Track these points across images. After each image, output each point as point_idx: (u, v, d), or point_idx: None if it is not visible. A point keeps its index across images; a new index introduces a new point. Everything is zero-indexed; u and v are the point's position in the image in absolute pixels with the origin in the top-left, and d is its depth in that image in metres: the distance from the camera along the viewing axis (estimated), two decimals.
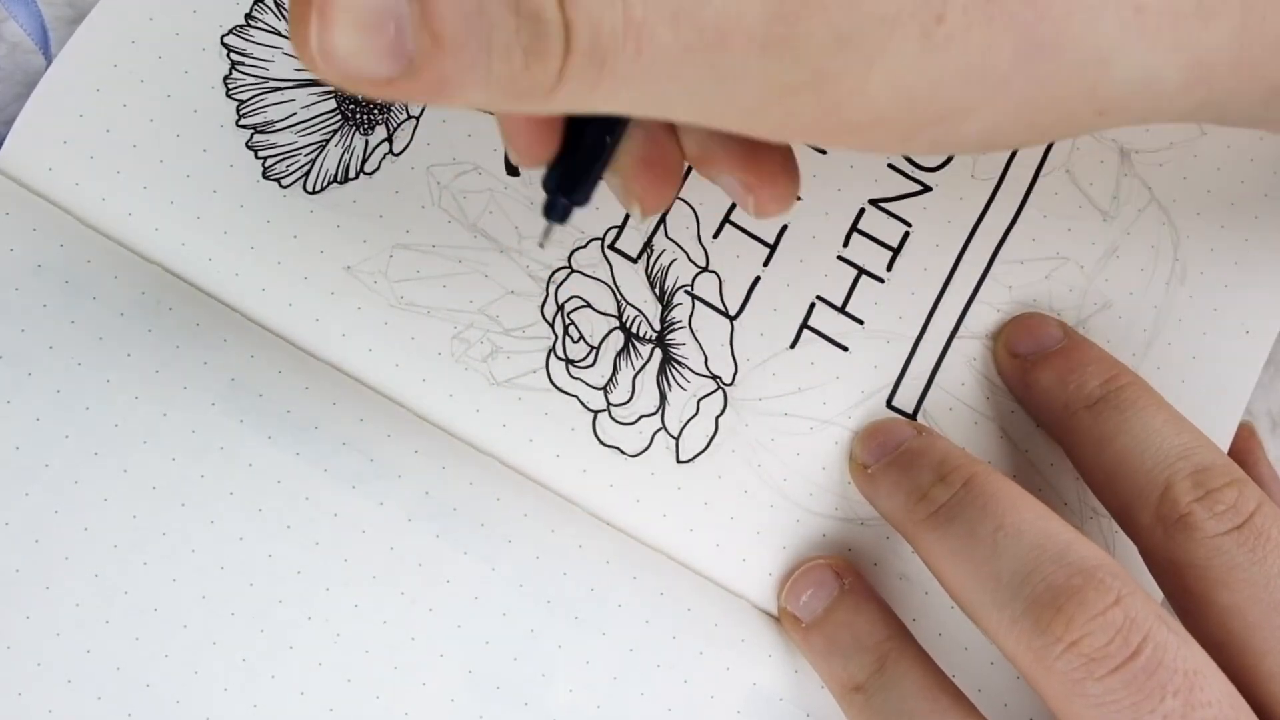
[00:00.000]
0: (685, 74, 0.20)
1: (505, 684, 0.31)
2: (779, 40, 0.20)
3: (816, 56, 0.20)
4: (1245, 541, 0.28)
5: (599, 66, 0.19)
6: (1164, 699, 0.25)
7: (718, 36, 0.19)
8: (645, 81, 0.20)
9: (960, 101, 0.21)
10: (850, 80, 0.21)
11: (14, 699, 0.29)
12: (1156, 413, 0.30)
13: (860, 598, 0.31)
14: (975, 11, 0.20)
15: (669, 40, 0.19)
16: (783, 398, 0.33)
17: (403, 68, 0.18)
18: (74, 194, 0.32)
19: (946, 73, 0.21)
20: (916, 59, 0.20)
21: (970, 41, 0.20)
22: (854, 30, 0.20)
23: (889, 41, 0.20)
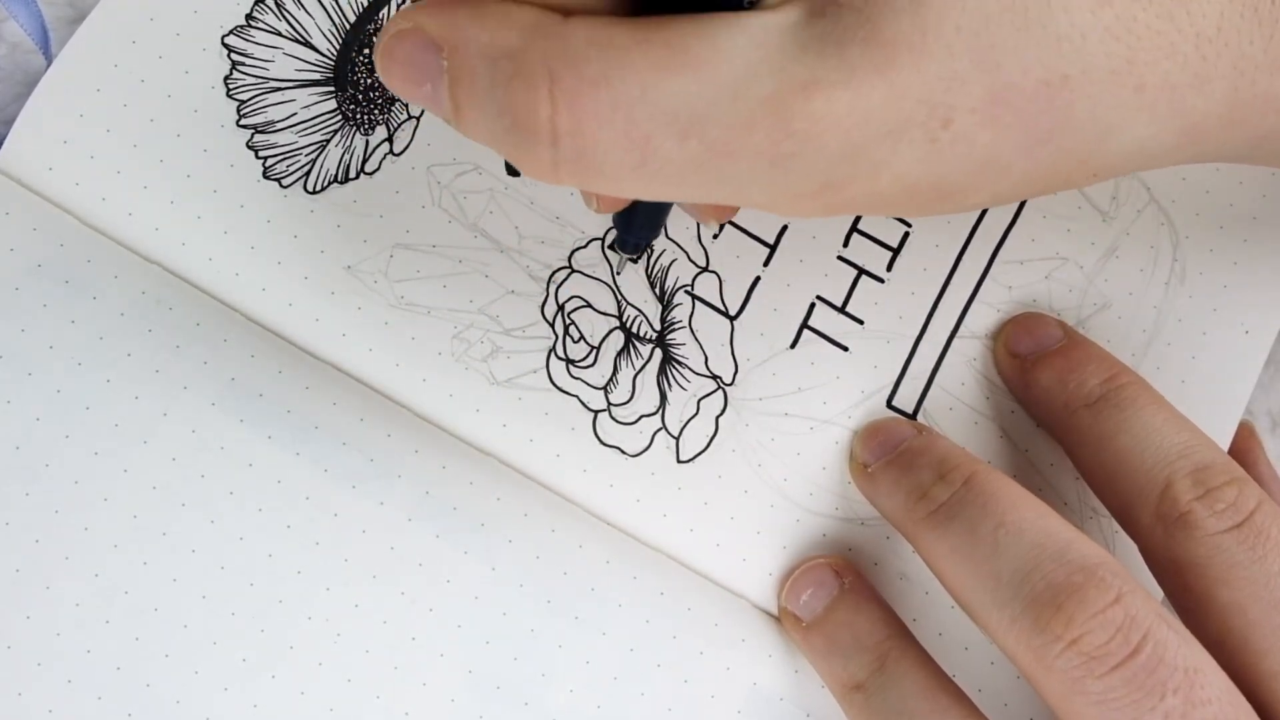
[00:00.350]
0: (691, 181, 0.21)
1: (505, 684, 0.31)
2: (789, 155, 0.20)
3: (825, 170, 0.21)
4: (1245, 539, 0.28)
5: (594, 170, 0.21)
6: (1164, 697, 0.25)
7: (726, 152, 0.20)
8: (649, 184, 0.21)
9: (964, 186, 0.22)
10: (859, 184, 0.21)
11: (14, 699, 0.29)
12: (1156, 411, 0.30)
13: (860, 597, 0.31)
14: (981, 113, 0.21)
15: (675, 154, 0.20)
16: (783, 398, 0.33)
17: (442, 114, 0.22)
18: (74, 194, 0.32)
19: (951, 168, 0.21)
20: (924, 160, 0.21)
21: (977, 141, 0.21)
22: (863, 143, 0.20)
23: (897, 148, 0.21)
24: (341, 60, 0.33)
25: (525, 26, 0.21)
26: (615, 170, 0.21)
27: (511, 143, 0.21)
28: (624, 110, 0.20)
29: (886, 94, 0.20)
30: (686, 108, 0.20)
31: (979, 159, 0.21)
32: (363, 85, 0.33)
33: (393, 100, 0.33)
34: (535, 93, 0.20)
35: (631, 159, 0.20)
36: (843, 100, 0.20)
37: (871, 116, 0.20)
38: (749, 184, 0.21)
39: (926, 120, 0.20)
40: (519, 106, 0.20)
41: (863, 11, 0.20)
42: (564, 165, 0.21)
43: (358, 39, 0.34)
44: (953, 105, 0.20)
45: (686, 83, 0.20)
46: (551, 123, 0.20)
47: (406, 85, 0.22)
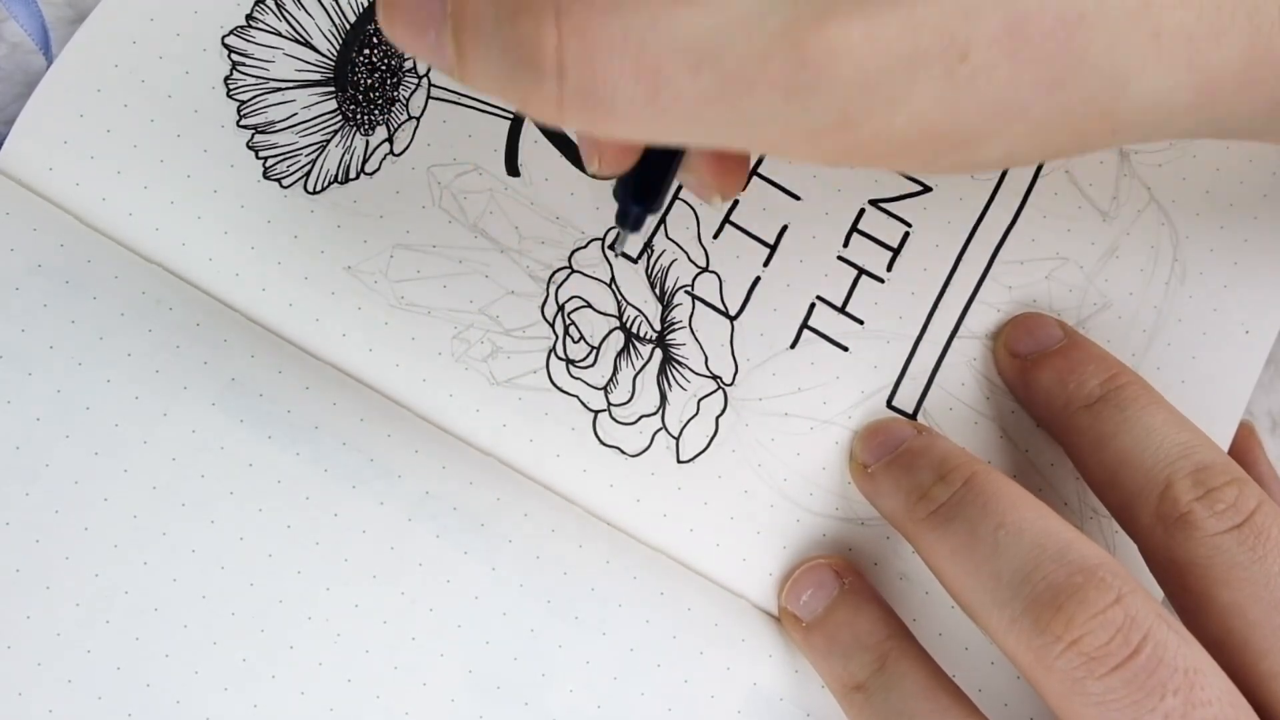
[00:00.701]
0: (705, 117, 0.20)
1: (505, 684, 0.31)
2: (805, 86, 0.20)
3: (842, 100, 0.20)
4: (1245, 540, 0.28)
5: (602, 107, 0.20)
6: (1164, 697, 0.25)
7: (741, 84, 0.20)
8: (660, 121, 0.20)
9: (982, 130, 0.22)
10: (876, 120, 0.21)
11: (14, 699, 0.29)
12: (1156, 411, 0.30)
13: (861, 597, 0.31)
14: (1000, 47, 0.20)
15: (688, 88, 0.20)
16: (783, 398, 0.33)
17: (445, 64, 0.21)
18: (74, 194, 0.32)
19: (970, 106, 0.21)
20: (941, 96, 0.21)
21: (994, 77, 0.21)
22: (880, 73, 0.20)
23: (914, 82, 0.20)
24: (341, 61, 0.33)
25: None
26: (625, 106, 0.20)
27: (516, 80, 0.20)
28: (635, 40, 0.19)
29: (903, 24, 0.20)
30: (699, 39, 0.19)
31: (997, 97, 0.21)
32: (363, 86, 0.33)
33: (393, 101, 0.33)
34: (541, 23, 0.19)
35: (642, 93, 0.20)
36: (858, 30, 0.19)
37: (888, 47, 0.20)
38: (764, 120, 0.20)
39: (943, 52, 0.20)
40: (524, 39, 0.20)
41: None
42: (570, 101, 0.20)
43: (358, 39, 0.34)
44: (969, 37, 0.20)
45: (699, 13, 0.19)
46: (558, 54, 0.19)
47: (410, 34, 0.21)
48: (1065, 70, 0.21)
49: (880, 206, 0.34)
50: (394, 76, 0.34)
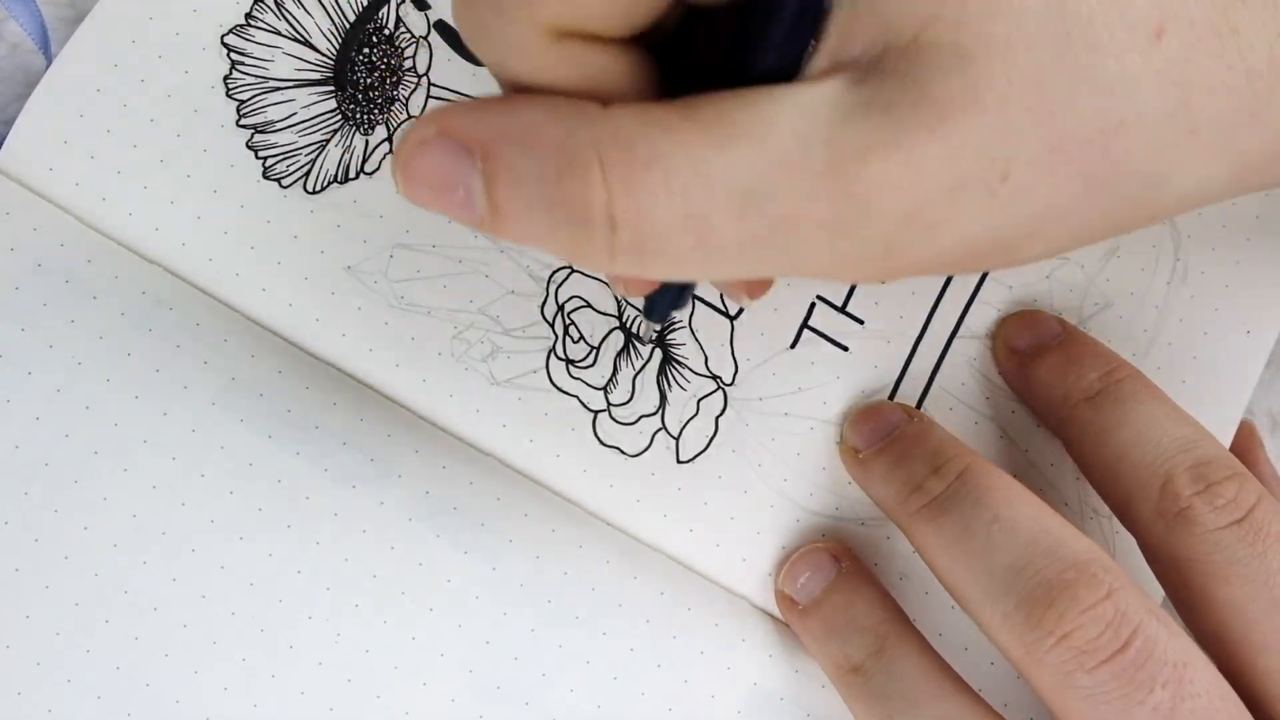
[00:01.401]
0: (751, 256, 0.21)
1: (506, 683, 0.31)
2: (850, 222, 0.20)
3: (887, 231, 0.20)
4: (1245, 536, 0.28)
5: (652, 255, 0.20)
6: (1153, 690, 0.25)
7: (787, 225, 0.20)
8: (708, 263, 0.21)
9: (1024, 238, 0.22)
10: (920, 245, 0.21)
11: (14, 698, 0.29)
12: (1156, 406, 0.30)
13: (858, 580, 0.31)
14: (1041, 164, 0.20)
15: (735, 231, 0.20)
16: (783, 397, 0.33)
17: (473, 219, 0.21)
18: (74, 194, 0.32)
19: (1012, 222, 0.21)
20: (984, 216, 0.21)
21: (1036, 192, 0.21)
22: (923, 202, 0.20)
23: (957, 206, 0.20)
24: (341, 60, 0.33)
25: (565, 115, 0.20)
26: (674, 252, 0.20)
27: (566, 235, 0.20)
28: (680, 190, 0.19)
29: (941, 151, 0.20)
30: (743, 183, 0.19)
31: (1038, 209, 0.21)
32: (362, 85, 0.33)
33: (392, 100, 0.33)
34: (589, 181, 0.19)
35: (690, 239, 0.20)
36: (898, 162, 0.19)
37: (929, 176, 0.20)
38: (810, 255, 0.21)
39: (984, 174, 0.20)
40: (573, 197, 0.20)
41: (909, 74, 0.19)
42: (621, 252, 0.20)
43: (357, 39, 0.34)
44: (1010, 157, 0.20)
45: (740, 158, 0.19)
46: (608, 209, 0.20)
47: (436, 195, 0.21)
48: (1105, 178, 0.21)
49: None
50: (393, 76, 0.34)
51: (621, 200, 0.20)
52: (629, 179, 0.19)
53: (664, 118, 0.20)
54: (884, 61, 0.20)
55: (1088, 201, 0.21)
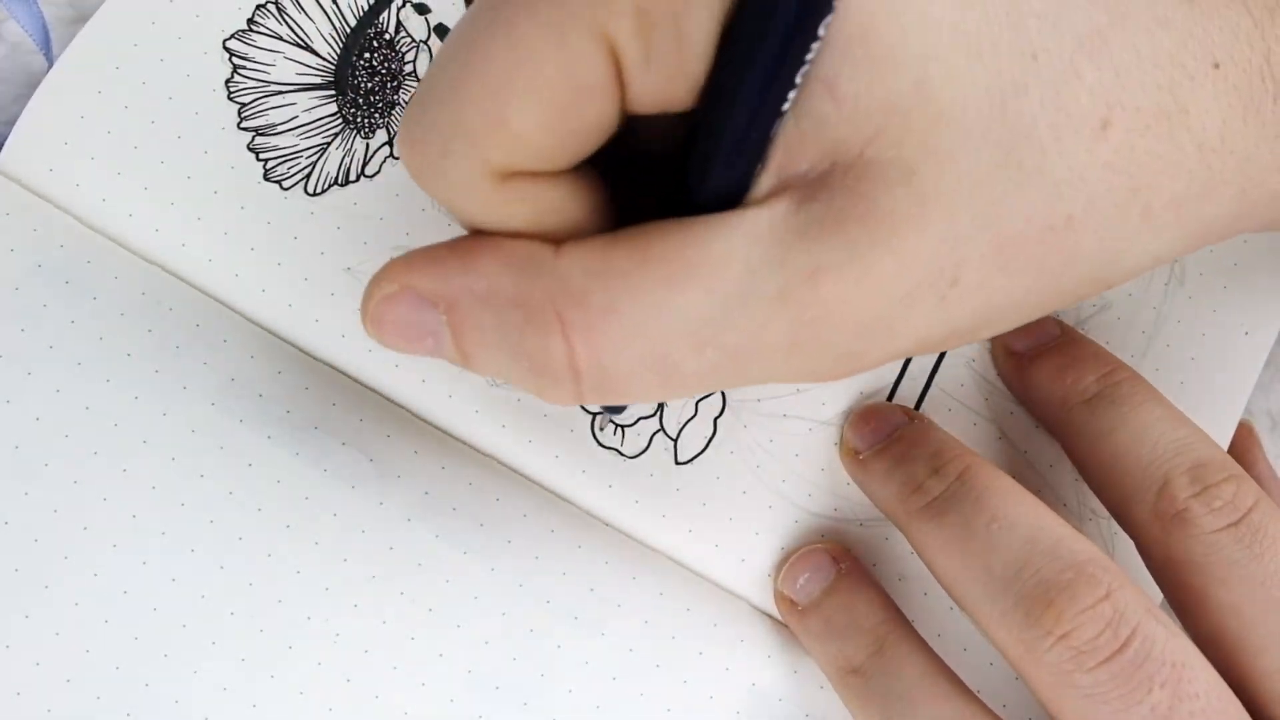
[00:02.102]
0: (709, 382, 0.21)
1: (504, 684, 0.31)
2: (805, 344, 0.21)
3: (842, 346, 0.21)
4: (1242, 538, 0.28)
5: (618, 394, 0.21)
6: (1151, 690, 0.25)
7: (743, 354, 0.21)
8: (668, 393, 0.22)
9: (976, 328, 0.22)
10: (875, 352, 0.21)
11: (13, 698, 0.29)
12: (1154, 408, 0.30)
13: (857, 581, 0.31)
14: (990, 264, 0.21)
15: (692, 366, 0.21)
16: (781, 399, 0.33)
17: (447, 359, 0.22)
18: (75, 195, 0.32)
19: (965, 317, 0.21)
20: (934, 319, 0.21)
21: (986, 289, 0.21)
22: (876, 316, 0.20)
23: (909, 313, 0.21)
24: (342, 64, 0.34)
25: (520, 269, 0.21)
26: (638, 389, 0.21)
27: (533, 383, 0.21)
28: (637, 334, 0.20)
29: (893, 265, 0.20)
30: (697, 320, 0.20)
31: (991, 304, 0.21)
32: (363, 89, 0.34)
33: (393, 104, 0.34)
34: (548, 337, 0.20)
35: (652, 377, 0.21)
36: (850, 280, 0.20)
37: (881, 289, 0.20)
38: (767, 373, 0.21)
39: (935, 281, 0.20)
40: (534, 352, 0.21)
41: (855, 190, 0.20)
42: (587, 394, 0.21)
43: (358, 44, 0.34)
44: (959, 263, 0.20)
45: (693, 296, 0.20)
46: (569, 361, 0.20)
47: (406, 344, 0.22)
48: (1057, 268, 0.21)
49: None
50: (394, 81, 0.34)
51: (582, 351, 0.20)
52: (587, 332, 0.20)
53: (616, 263, 0.20)
54: (830, 177, 0.20)
55: (1041, 290, 0.22)
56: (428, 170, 0.21)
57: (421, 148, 0.20)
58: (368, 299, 0.22)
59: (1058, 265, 0.21)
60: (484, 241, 0.21)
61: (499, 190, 0.20)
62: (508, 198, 0.21)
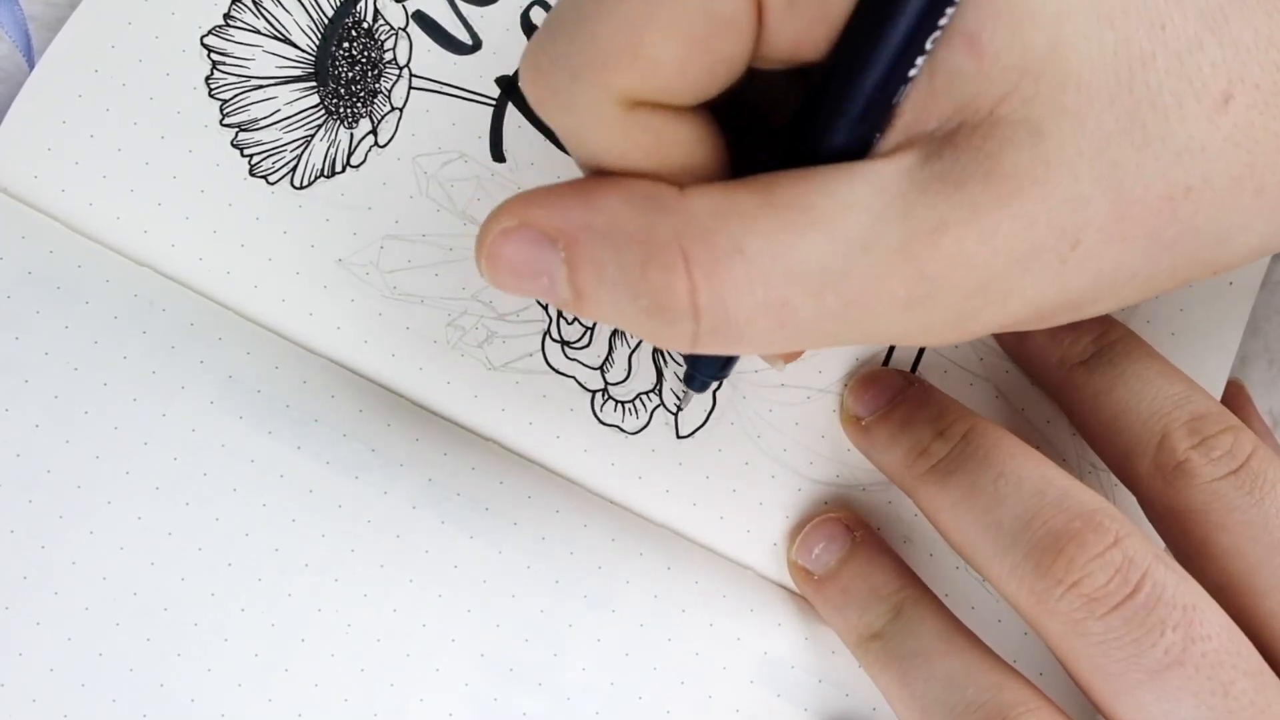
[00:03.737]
0: (826, 332, 0.21)
1: (518, 665, 0.31)
2: (923, 297, 0.21)
3: (959, 305, 0.21)
4: (1243, 485, 0.28)
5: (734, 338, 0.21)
6: (1164, 633, 0.25)
7: (862, 304, 0.20)
8: (785, 341, 0.21)
9: (1088, 299, 0.22)
10: (989, 314, 0.21)
11: (28, 705, 0.30)
12: (1150, 364, 0.30)
13: (873, 550, 0.31)
14: (1110, 230, 0.21)
15: (812, 312, 0.20)
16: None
17: (556, 300, 0.22)
18: (61, 200, 0.32)
19: (1081, 285, 0.21)
20: (1051, 283, 0.21)
21: (1104, 257, 0.21)
22: (994, 275, 0.20)
23: (1026, 274, 0.21)
24: (322, 55, 0.33)
25: (643, 206, 0.21)
26: (755, 334, 0.21)
27: (650, 322, 0.21)
28: (760, 277, 0.20)
29: (1013, 225, 0.20)
30: (820, 266, 0.20)
31: (1106, 272, 0.21)
32: (344, 79, 0.33)
33: (375, 93, 0.33)
34: (672, 273, 0.20)
35: (770, 322, 0.20)
36: (971, 238, 0.20)
37: (1000, 249, 0.20)
38: (883, 327, 0.21)
39: (1056, 244, 0.20)
40: (656, 288, 0.20)
41: (981, 149, 0.20)
42: (704, 337, 0.21)
43: (336, 33, 0.34)
44: (1080, 226, 0.20)
45: (817, 241, 0.20)
46: (692, 299, 0.20)
47: (519, 281, 0.22)
48: (1172, 240, 0.21)
49: None
50: (375, 69, 0.34)
51: (705, 291, 0.20)
52: (711, 270, 0.20)
53: (741, 205, 0.20)
54: (958, 135, 0.20)
55: (1154, 262, 0.22)
56: (554, 98, 0.20)
57: (549, 74, 0.20)
58: (484, 234, 0.22)
59: (1173, 237, 0.21)
60: (606, 180, 0.21)
61: (624, 119, 0.20)
62: (632, 128, 0.20)
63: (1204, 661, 0.25)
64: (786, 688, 0.32)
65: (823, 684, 0.32)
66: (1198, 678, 0.25)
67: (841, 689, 0.32)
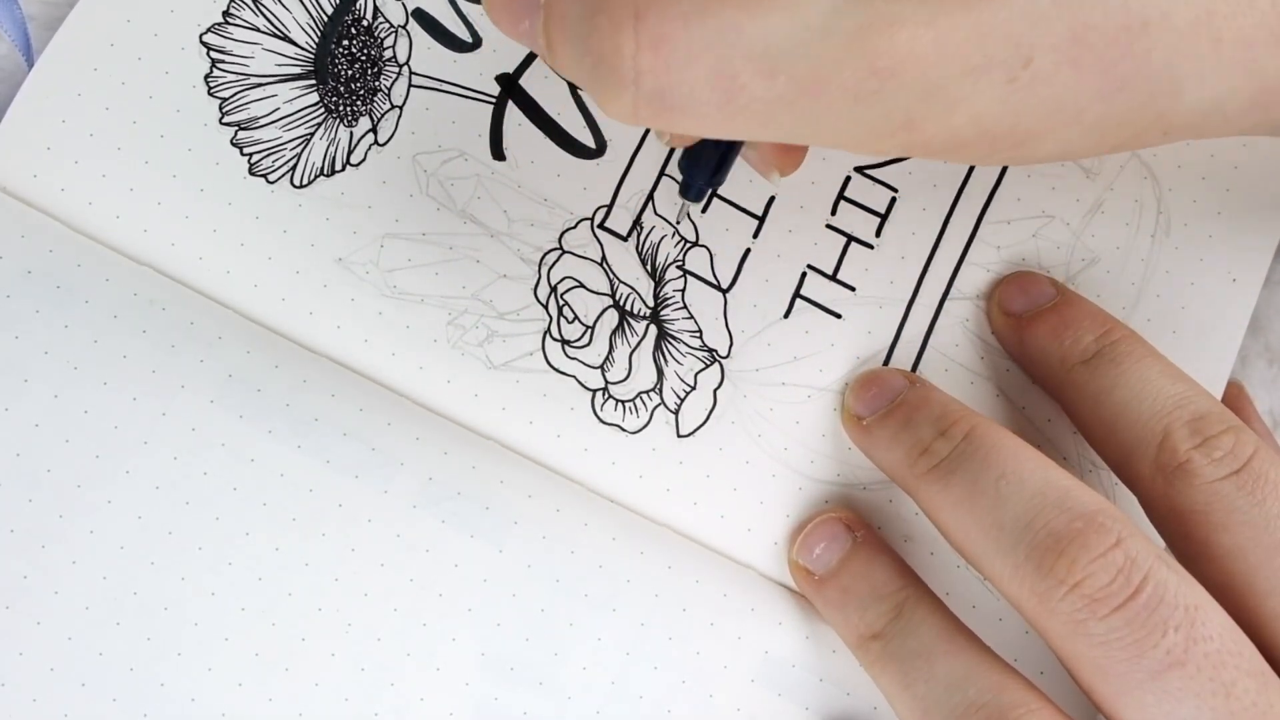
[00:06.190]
0: (776, 118, 0.21)
1: (519, 664, 0.31)
2: (872, 93, 0.21)
3: (908, 103, 0.21)
4: (1244, 485, 0.28)
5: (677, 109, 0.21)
6: (1166, 634, 0.25)
7: (813, 89, 0.20)
8: (732, 122, 0.21)
9: (1038, 130, 0.22)
10: (938, 121, 0.21)
11: (29, 704, 0.30)
12: (1152, 364, 0.30)
13: (874, 549, 0.31)
14: (1063, 54, 0.21)
15: (761, 92, 0.20)
16: (779, 367, 0.33)
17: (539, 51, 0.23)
18: (61, 199, 0.32)
19: (1029, 109, 0.22)
20: (1002, 100, 0.21)
21: (1055, 82, 0.21)
22: (945, 78, 0.21)
23: (977, 86, 0.21)
24: (321, 53, 0.33)
25: None
26: (699, 109, 0.21)
27: (594, 80, 0.21)
28: (711, 49, 0.20)
29: (970, 31, 0.20)
30: (774, 45, 0.20)
31: (1056, 101, 0.21)
32: (344, 77, 0.33)
33: (374, 91, 0.33)
34: (620, 30, 0.20)
35: (717, 97, 0.20)
36: (926, 37, 0.20)
37: (954, 54, 0.20)
38: (831, 121, 0.21)
39: (1008, 59, 0.21)
40: (603, 43, 0.20)
41: None
42: (644, 104, 0.21)
43: (336, 31, 0.33)
44: (1034, 44, 0.21)
45: (774, 19, 0.20)
46: (634, 60, 0.20)
47: (508, 19, 0.23)
48: (1125, 76, 0.21)
49: (865, 173, 0.34)
50: (374, 66, 0.34)
51: (648, 54, 0.20)
52: (660, 34, 0.20)
53: None
54: None
55: (1105, 99, 0.22)
56: None
57: None
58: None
59: (1126, 71, 0.21)
60: None
61: None
62: None
63: (1206, 662, 0.25)
64: (787, 687, 0.32)
65: (824, 683, 0.32)
66: (1199, 678, 0.25)
67: (842, 688, 0.32)
